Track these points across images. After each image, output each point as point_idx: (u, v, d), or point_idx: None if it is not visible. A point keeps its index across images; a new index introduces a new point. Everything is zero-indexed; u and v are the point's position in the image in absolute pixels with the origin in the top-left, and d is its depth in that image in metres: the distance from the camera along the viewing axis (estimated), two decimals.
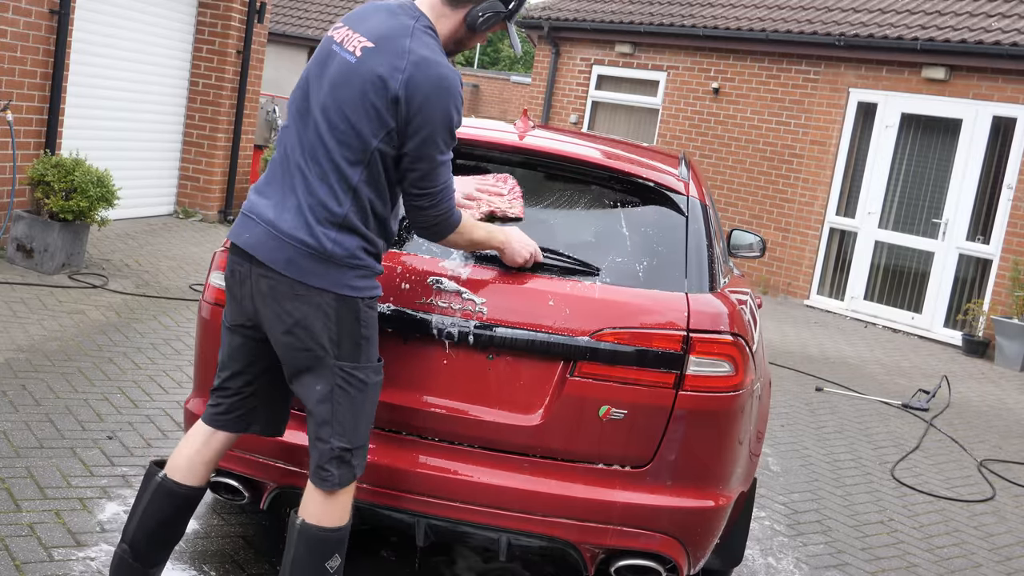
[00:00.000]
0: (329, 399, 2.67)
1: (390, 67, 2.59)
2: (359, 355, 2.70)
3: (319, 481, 2.71)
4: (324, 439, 2.69)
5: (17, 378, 4.91)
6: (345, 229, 2.64)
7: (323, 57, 2.73)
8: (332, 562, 2.75)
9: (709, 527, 3.07)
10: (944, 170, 11.07)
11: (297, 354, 2.67)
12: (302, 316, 2.63)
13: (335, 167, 2.62)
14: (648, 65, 13.72)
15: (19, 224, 7.23)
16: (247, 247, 2.68)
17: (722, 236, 4.14)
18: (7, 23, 7.43)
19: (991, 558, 4.71)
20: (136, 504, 2.86)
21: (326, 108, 2.65)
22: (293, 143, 2.71)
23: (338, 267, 2.63)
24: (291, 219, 2.63)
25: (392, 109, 2.60)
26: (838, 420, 6.84)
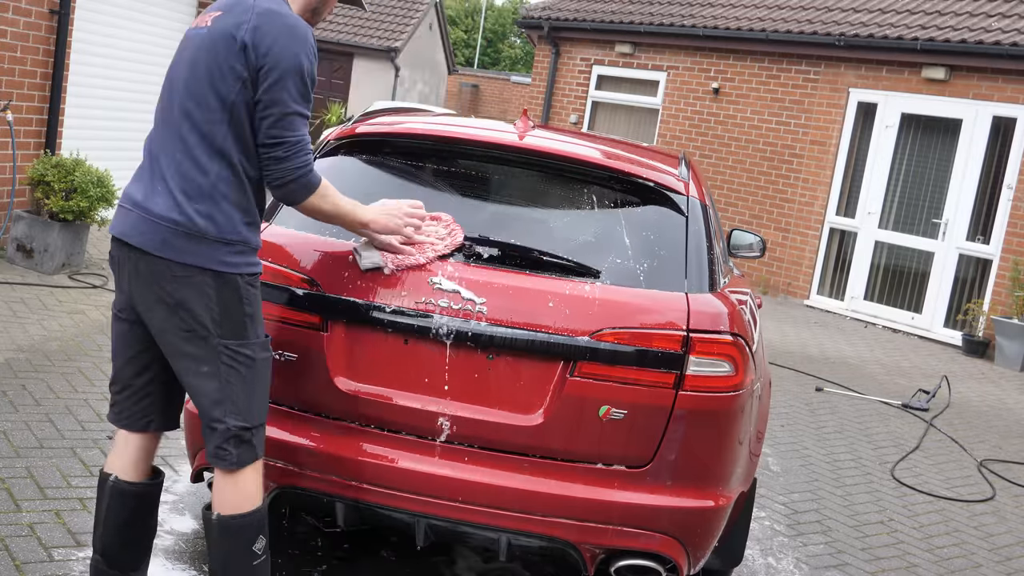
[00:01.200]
0: (217, 378, 2.65)
1: (236, 23, 2.62)
2: (244, 332, 2.67)
3: (219, 461, 2.69)
4: (219, 419, 2.66)
5: (17, 378, 4.91)
6: (216, 200, 2.61)
7: (180, 49, 2.76)
8: (258, 544, 2.76)
9: (709, 527, 3.07)
10: (944, 170, 11.07)
11: (180, 335, 2.64)
12: (183, 297, 2.61)
13: (200, 135, 2.61)
14: (648, 65, 13.72)
15: (19, 224, 7.23)
16: (122, 235, 2.67)
17: (722, 236, 4.14)
18: (7, 23, 7.43)
19: (991, 558, 4.71)
20: (96, 512, 2.87)
21: (186, 83, 2.65)
22: (159, 131, 2.72)
23: (212, 243, 2.61)
24: (162, 201, 2.61)
25: (242, 57, 2.59)
26: (838, 420, 6.84)
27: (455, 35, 52.33)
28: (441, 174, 3.38)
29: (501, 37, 57.61)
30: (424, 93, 25.38)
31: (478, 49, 50.81)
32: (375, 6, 23.87)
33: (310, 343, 3.02)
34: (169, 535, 3.58)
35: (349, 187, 3.33)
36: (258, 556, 2.76)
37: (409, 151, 3.43)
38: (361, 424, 3.04)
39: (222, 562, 2.74)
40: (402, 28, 23.19)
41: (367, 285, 3.00)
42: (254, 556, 2.75)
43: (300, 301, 3.02)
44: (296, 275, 3.04)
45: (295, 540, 3.72)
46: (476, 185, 3.38)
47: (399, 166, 3.39)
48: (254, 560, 2.75)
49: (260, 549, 2.76)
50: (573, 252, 3.13)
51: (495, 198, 3.37)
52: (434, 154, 3.40)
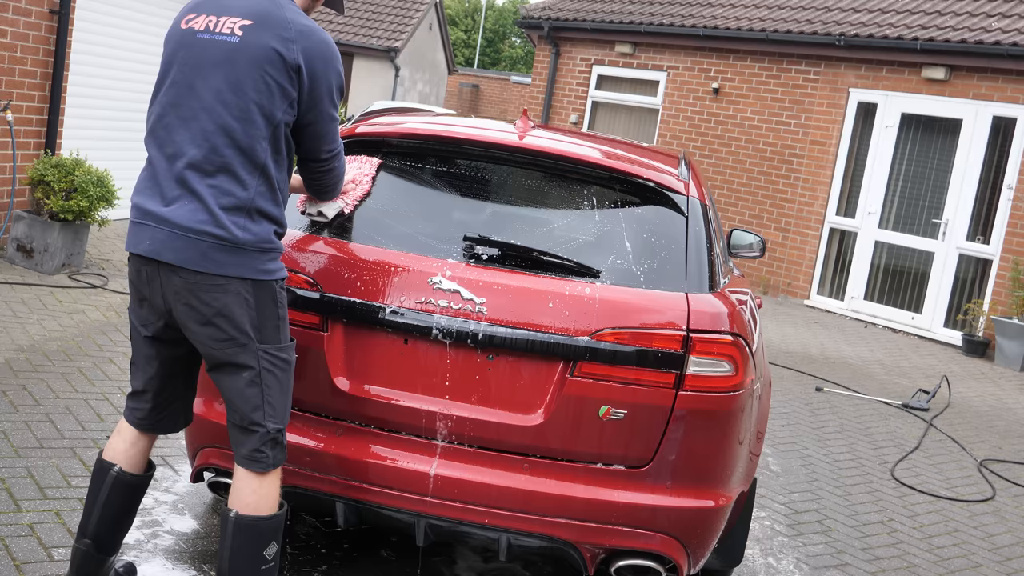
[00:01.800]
0: (259, 384, 2.70)
1: (280, 40, 2.63)
2: (280, 336, 2.74)
3: (253, 464, 2.73)
4: (259, 423, 2.71)
5: (17, 378, 4.91)
6: (253, 213, 2.65)
7: (186, 48, 2.68)
8: (270, 549, 2.78)
9: (709, 527, 3.07)
10: (944, 170, 11.07)
11: (220, 344, 2.68)
12: (222, 306, 2.64)
13: (239, 150, 2.62)
14: (648, 65, 13.72)
15: (19, 224, 7.23)
16: (152, 254, 2.65)
17: (722, 236, 4.14)
18: (7, 23, 7.43)
19: (991, 558, 4.71)
20: (91, 499, 2.90)
21: (221, 96, 2.62)
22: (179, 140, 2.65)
23: (251, 253, 2.65)
24: (195, 215, 2.60)
25: (294, 79, 2.65)
26: (838, 420, 6.84)
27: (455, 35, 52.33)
28: (441, 174, 3.38)
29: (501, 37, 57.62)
30: (424, 93, 25.39)
31: (478, 49, 50.82)
32: (375, 6, 23.87)
33: (310, 343, 3.02)
34: (169, 535, 3.58)
35: None
36: (267, 561, 2.78)
37: (409, 151, 3.43)
38: (361, 424, 3.04)
39: (231, 561, 2.76)
40: (402, 28, 23.19)
41: (367, 285, 3.00)
42: (263, 561, 2.76)
43: (300, 301, 3.02)
44: (296, 275, 3.04)
45: (295, 540, 3.72)
46: (476, 185, 3.38)
47: (399, 166, 3.39)
48: (263, 565, 2.77)
49: (271, 555, 2.78)
50: (573, 252, 3.13)
51: (495, 198, 3.37)
52: (434, 154, 3.40)
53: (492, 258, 3.08)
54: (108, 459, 2.91)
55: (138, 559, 3.37)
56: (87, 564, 2.91)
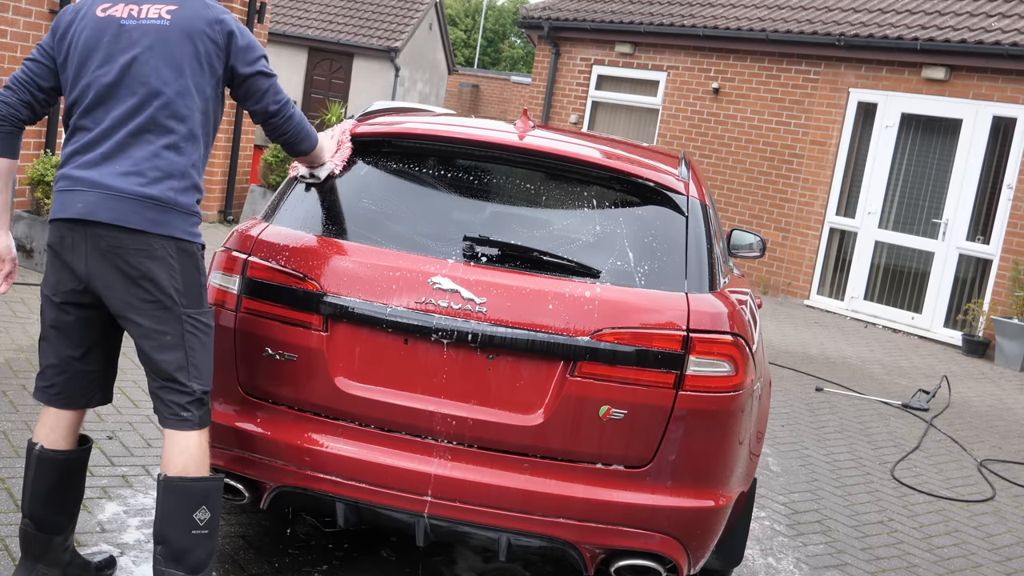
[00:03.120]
0: (182, 346, 2.80)
1: (205, 21, 2.84)
2: (202, 301, 2.86)
3: (179, 423, 2.80)
4: (183, 384, 2.80)
5: (17, 378, 4.91)
6: (186, 179, 2.81)
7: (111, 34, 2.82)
8: (200, 514, 2.81)
9: (709, 527, 3.06)
10: (944, 170, 11.07)
11: (145, 306, 2.76)
12: (148, 269, 2.74)
13: (178, 120, 2.80)
14: (648, 65, 13.72)
15: (19, 224, 7.23)
16: (83, 215, 2.73)
17: (722, 236, 4.13)
18: (7, 23, 7.43)
19: (991, 558, 4.71)
20: (24, 479, 2.96)
21: (156, 71, 2.78)
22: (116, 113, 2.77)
23: (180, 215, 2.79)
24: (128, 178, 2.73)
25: (222, 55, 2.88)
26: (838, 420, 6.84)
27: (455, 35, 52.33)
28: (441, 174, 3.38)
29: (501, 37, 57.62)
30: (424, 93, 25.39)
31: (478, 49, 50.82)
32: (375, 6, 23.88)
33: (310, 343, 3.02)
34: None
35: (349, 186, 3.33)
36: (198, 526, 2.80)
37: (409, 151, 3.43)
38: (361, 424, 3.04)
39: (160, 525, 2.80)
40: (402, 28, 23.19)
41: (367, 286, 3.00)
42: (194, 524, 2.80)
43: (300, 301, 3.02)
44: (296, 275, 3.04)
45: (295, 540, 3.72)
46: (476, 185, 3.38)
47: (399, 166, 3.39)
48: (193, 528, 2.80)
49: (202, 520, 2.81)
50: (573, 252, 3.13)
51: (495, 198, 3.37)
52: (434, 154, 3.40)
53: (492, 258, 3.08)
54: (32, 439, 2.97)
55: (138, 559, 3.37)
56: (31, 543, 2.95)
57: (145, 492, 3.88)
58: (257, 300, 3.07)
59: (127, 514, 3.67)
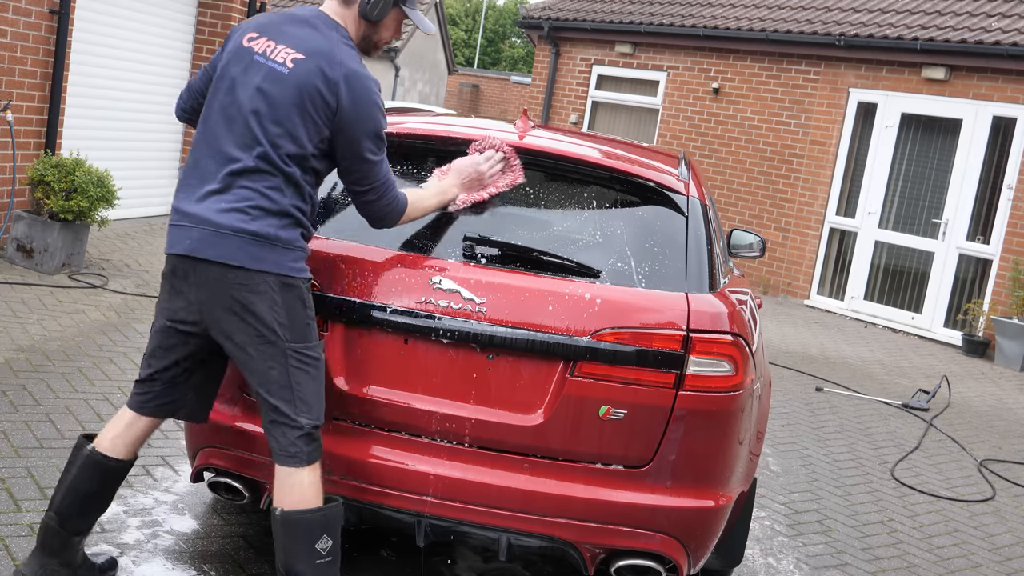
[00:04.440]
0: (288, 381, 2.79)
1: (324, 80, 2.80)
2: (308, 335, 2.83)
3: (288, 459, 2.79)
4: (292, 419, 2.79)
5: (17, 378, 4.91)
6: (286, 217, 2.79)
7: (243, 64, 2.86)
8: (322, 543, 2.81)
9: (709, 527, 3.06)
10: (944, 170, 11.07)
11: (247, 340, 2.78)
12: (250, 303, 2.75)
13: (276, 166, 2.78)
14: (648, 65, 13.72)
15: (19, 224, 7.23)
16: (190, 252, 2.77)
17: (722, 236, 4.13)
18: (7, 23, 7.43)
19: (991, 558, 4.71)
20: (64, 475, 2.95)
21: (258, 113, 2.80)
22: (221, 141, 2.81)
23: (282, 250, 2.78)
24: (231, 215, 2.75)
25: (328, 120, 2.82)
26: (838, 420, 6.84)
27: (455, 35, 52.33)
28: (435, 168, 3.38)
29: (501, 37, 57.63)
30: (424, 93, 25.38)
31: (478, 49, 50.81)
32: None
33: None
34: (169, 535, 3.58)
35: None
36: (322, 556, 2.81)
37: (409, 151, 3.43)
38: (361, 424, 3.04)
39: (285, 559, 2.81)
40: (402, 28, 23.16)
41: (367, 285, 3.00)
42: (317, 555, 2.81)
43: None
44: None
45: None
46: None
47: (399, 166, 3.39)
48: (317, 559, 2.81)
49: (325, 549, 2.82)
50: (573, 252, 3.13)
51: (495, 198, 3.37)
52: (434, 154, 3.40)
53: (492, 258, 3.08)
54: (87, 435, 2.98)
55: (138, 559, 3.37)
56: (51, 538, 2.94)
57: (145, 492, 3.88)
58: None
59: (127, 514, 3.67)
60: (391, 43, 3.13)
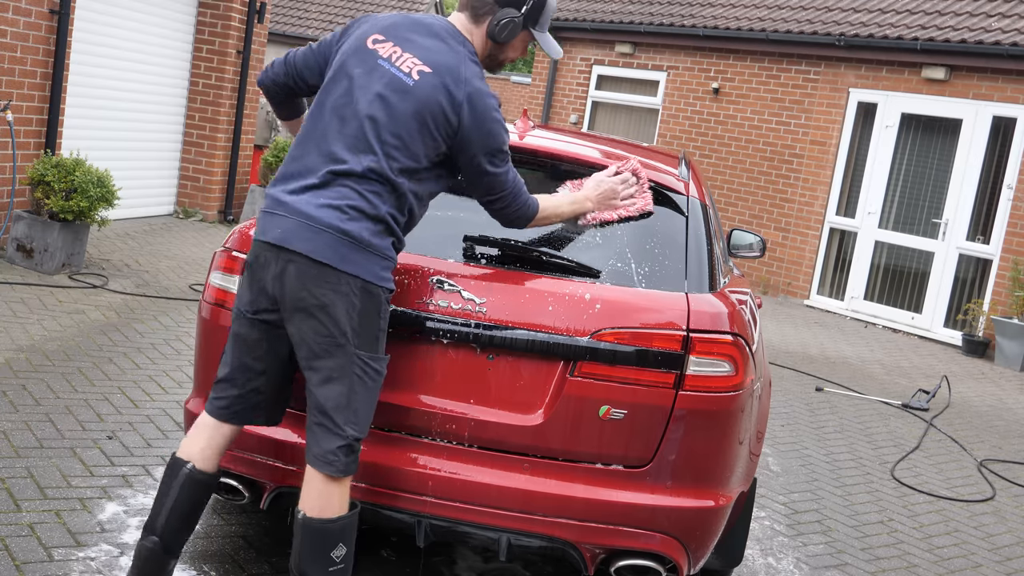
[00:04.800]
0: (345, 386, 2.73)
1: (448, 97, 2.79)
2: (377, 346, 2.78)
3: (323, 466, 2.74)
4: (339, 426, 2.73)
5: (17, 378, 4.91)
6: (381, 223, 2.75)
7: (366, 66, 2.83)
8: (337, 551, 2.80)
9: (709, 527, 3.06)
10: (944, 170, 11.07)
11: (315, 338, 2.72)
12: (329, 302, 2.69)
13: (382, 175, 2.74)
14: (648, 65, 13.72)
15: (19, 224, 7.23)
16: (279, 241, 2.72)
17: (722, 236, 4.14)
18: (7, 23, 7.43)
19: (991, 558, 4.71)
20: (161, 496, 2.89)
21: (375, 120, 2.76)
22: (331, 140, 2.78)
23: (372, 256, 2.73)
24: (328, 211, 2.70)
25: (448, 137, 2.81)
26: (838, 420, 6.84)
27: None
28: None
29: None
30: None
31: None
32: (375, 6, 23.87)
33: None
34: None
35: None
36: (335, 563, 2.80)
37: None
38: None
39: (300, 562, 2.80)
40: None
41: None
42: (331, 562, 2.80)
43: None
44: None
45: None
46: None
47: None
48: (331, 566, 2.80)
49: (339, 557, 2.81)
50: (573, 252, 3.13)
51: None
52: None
53: (492, 258, 3.08)
54: (182, 456, 2.90)
55: None
56: (150, 563, 2.88)
57: (145, 492, 3.88)
58: None
59: (127, 514, 3.67)
60: (515, 61, 3.16)
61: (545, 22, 3.03)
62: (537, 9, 2.96)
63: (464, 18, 2.95)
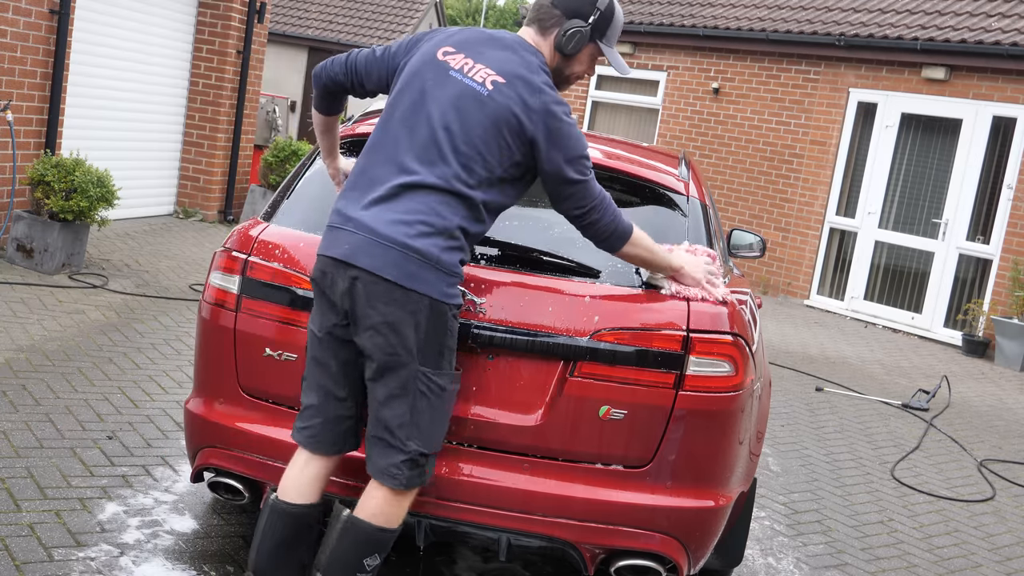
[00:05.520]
0: (409, 402, 2.71)
1: (524, 108, 2.74)
2: (441, 362, 2.75)
3: (387, 479, 2.73)
4: (401, 441, 2.72)
5: (17, 378, 4.91)
6: (452, 239, 2.71)
7: (438, 77, 2.80)
8: (371, 560, 2.79)
9: (709, 527, 3.06)
10: (944, 170, 11.07)
11: (380, 354, 2.70)
12: (395, 320, 2.67)
13: (453, 188, 2.70)
14: (648, 65, 13.72)
15: (19, 224, 7.23)
16: (346, 257, 2.68)
17: (722, 236, 4.14)
18: (7, 23, 7.43)
19: (991, 558, 4.71)
20: (256, 531, 2.89)
21: (450, 130, 2.73)
22: (399, 151, 2.75)
23: (439, 273, 2.69)
24: (396, 226, 2.67)
25: (525, 148, 2.76)
26: (838, 420, 6.84)
27: None
28: None
29: None
30: None
31: None
32: (375, 6, 23.88)
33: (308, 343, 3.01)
34: (169, 535, 3.58)
35: None
36: (365, 570, 2.79)
37: None
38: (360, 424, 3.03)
39: (330, 557, 2.78)
40: (402, 28, 23.19)
41: None
42: (362, 568, 2.78)
43: (300, 301, 3.02)
44: (297, 275, 3.04)
45: None
46: None
47: None
48: (359, 571, 2.79)
49: (370, 566, 2.80)
50: (573, 253, 3.13)
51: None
52: None
53: (492, 259, 3.08)
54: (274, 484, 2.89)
55: (138, 559, 3.37)
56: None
57: (145, 492, 3.88)
58: (257, 300, 3.07)
59: (127, 514, 3.67)
60: (583, 78, 3.09)
61: (613, 36, 3.03)
62: (605, 21, 2.96)
63: (532, 31, 2.94)
